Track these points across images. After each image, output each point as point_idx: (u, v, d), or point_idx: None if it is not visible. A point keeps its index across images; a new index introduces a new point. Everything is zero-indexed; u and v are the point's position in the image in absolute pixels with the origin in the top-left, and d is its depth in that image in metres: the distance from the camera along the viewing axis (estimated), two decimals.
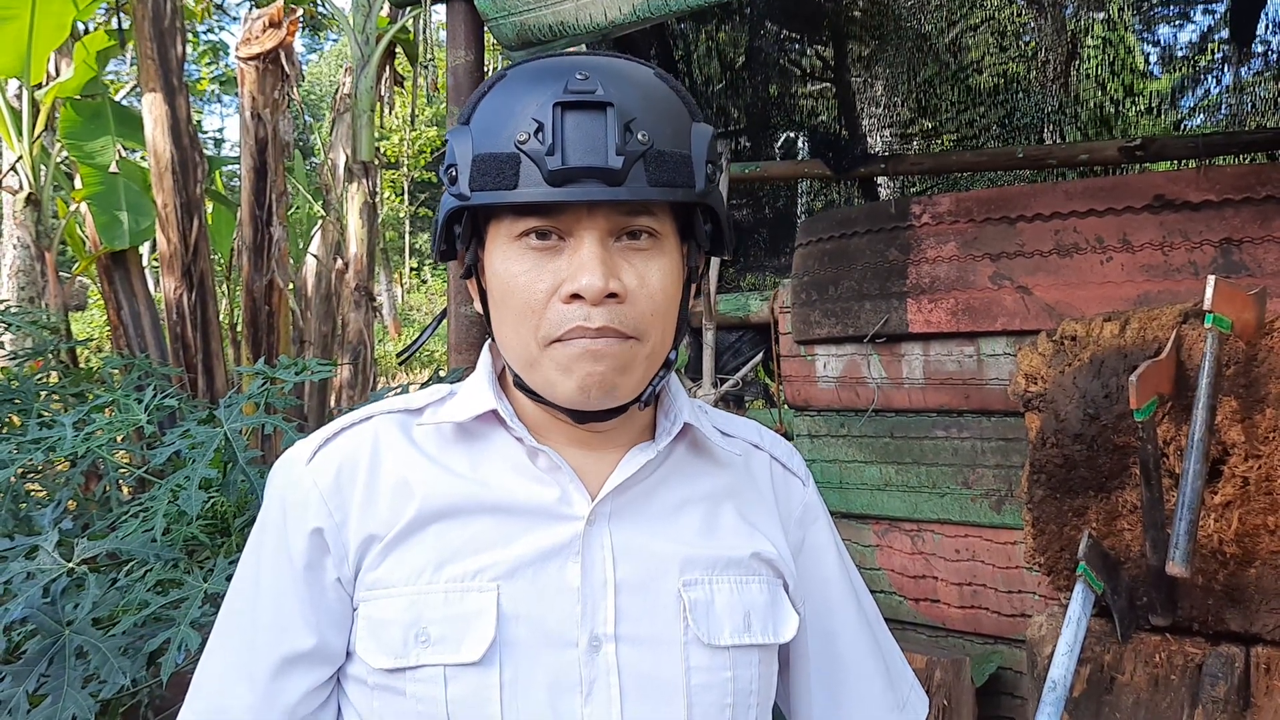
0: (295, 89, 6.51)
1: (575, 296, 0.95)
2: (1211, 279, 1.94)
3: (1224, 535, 2.11)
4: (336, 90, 7.62)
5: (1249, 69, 4.85)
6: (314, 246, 7.22)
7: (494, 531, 1.01)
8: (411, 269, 28.21)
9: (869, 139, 4.29)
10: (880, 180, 4.26)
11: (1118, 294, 2.76)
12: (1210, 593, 2.15)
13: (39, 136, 6.84)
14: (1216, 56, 5.15)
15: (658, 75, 1.03)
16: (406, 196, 26.98)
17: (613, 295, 0.96)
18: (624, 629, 1.00)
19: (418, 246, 29.40)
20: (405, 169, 25.63)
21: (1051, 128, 4.78)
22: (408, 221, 27.85)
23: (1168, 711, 2.19)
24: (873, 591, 3.38)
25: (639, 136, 0.94)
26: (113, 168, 6.65)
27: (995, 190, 2.89)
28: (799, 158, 4.60)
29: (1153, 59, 5.62)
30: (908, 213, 3.16)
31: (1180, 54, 5.40)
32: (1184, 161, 3.48)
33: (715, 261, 3.37)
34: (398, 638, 0.97)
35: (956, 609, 3.22)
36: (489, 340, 1.09)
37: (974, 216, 3.02)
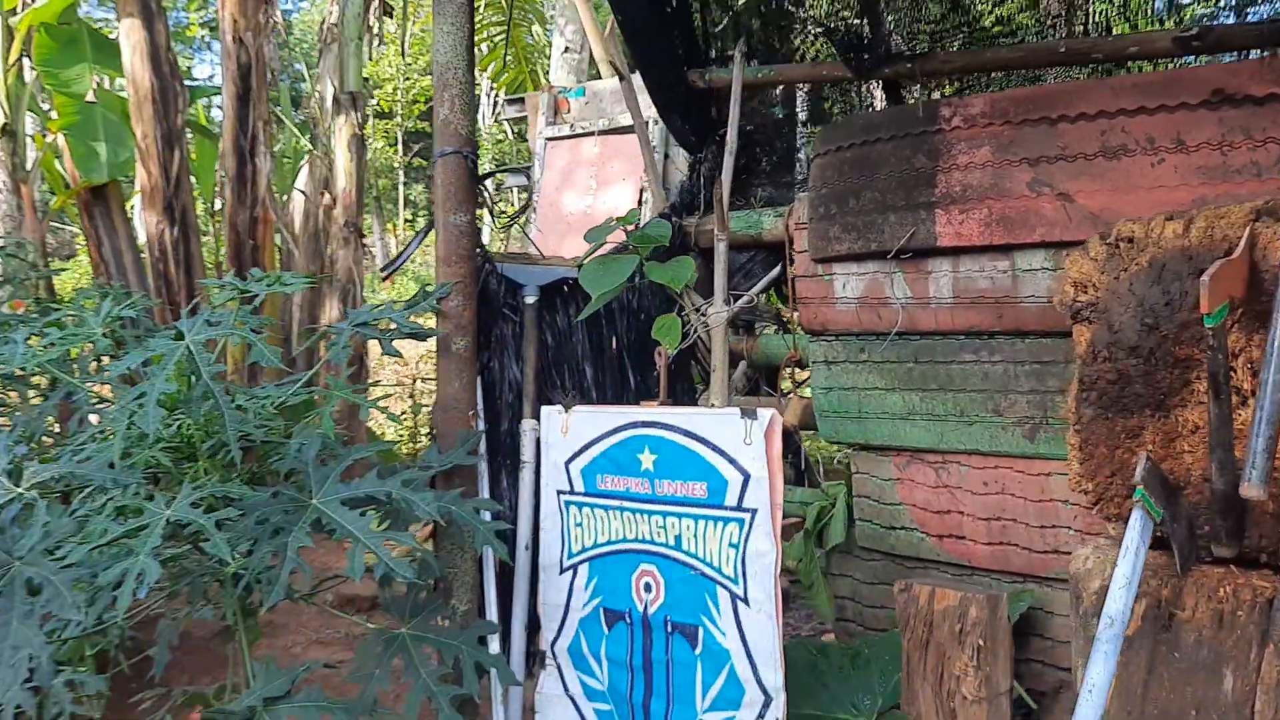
0: (278, 10, 6.21)
1: None
2: None
3: None
4: (324, 21, 7.28)
5: None
6: (301, 182, 6.93)
7: None
8: (406, 220, 27.79)
9: (894, 38, 4.00)
10: (907, 90, 3.98)
11: (1170, 199, 2.52)
12: None
13: (14, 64, 6.54)
14: None
15: None
16: (401, 147, 26.46)
17: None
18: None
19: (412, 197, 28.98)
20: (399, 119, 25.11)
21: (1097, 22, 4.40)
22: (402, 172, 27.39)
23: (1233, 651, 1.98)
24: (892, 528, 3.18)
25: None
26: (90, 97, 6.36)
27: (1034, 88, 2.63)
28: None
29: None
30: (936, 116, 2.90)
31: None
32: (1247, 53, 3.23)
33: (728, 164, 3.09)
34: None
35: (984, 545, 3.01)
36: None
37: (1010, 118, 2.76)
